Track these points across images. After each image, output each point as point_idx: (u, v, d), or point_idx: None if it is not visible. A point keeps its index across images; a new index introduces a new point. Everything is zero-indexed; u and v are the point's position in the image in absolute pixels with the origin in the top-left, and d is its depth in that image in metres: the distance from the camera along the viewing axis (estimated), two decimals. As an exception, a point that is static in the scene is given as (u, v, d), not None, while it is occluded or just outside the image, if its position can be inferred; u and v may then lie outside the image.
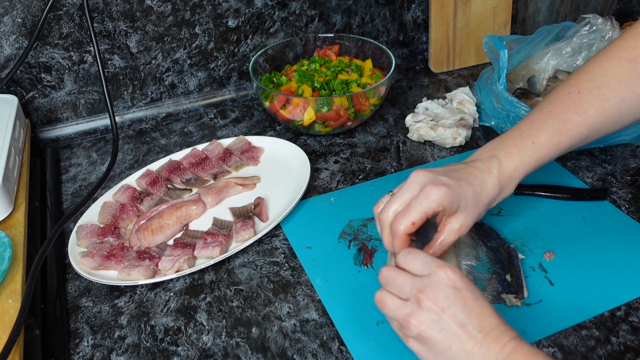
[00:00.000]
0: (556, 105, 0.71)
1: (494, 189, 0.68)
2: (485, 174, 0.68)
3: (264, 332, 0.69)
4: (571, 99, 0.70)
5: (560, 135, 0.69)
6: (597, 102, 0.69)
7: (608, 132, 0.72)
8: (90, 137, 1.08)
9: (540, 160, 0.70)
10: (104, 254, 0.77)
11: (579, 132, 0.70)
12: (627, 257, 0.75)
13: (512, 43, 1.03)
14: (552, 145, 0.69)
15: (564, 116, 0.70)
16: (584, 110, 0.69)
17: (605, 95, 0.69)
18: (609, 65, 0.70)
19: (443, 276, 0.57)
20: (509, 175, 0.69)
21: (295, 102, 0.97)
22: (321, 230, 0.83)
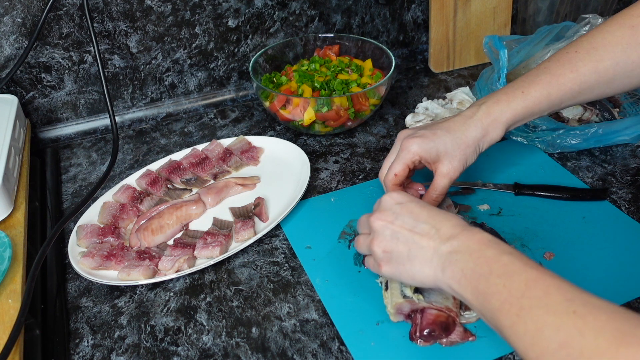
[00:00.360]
0: (552, 62, 0.74)
1: (476, 130, 0.73)
2: (467, 119, 0.74)
3: (264, 332, 0.69)
4: (567, 57, 0.73)
5: (551, 87, 0.72)
6: (592, 61, 0.71)
7: (601, 93, 0.74)
8: (90, 137, 1.08)
9: (528, 109, 0.73)
10: (104, 254, 0.77)
11: (570, 87, 0.72)
12: (627, 257, 0.75)
13: (512, 43, 1.03)
14: (542, 96, 0.72)
15: (557, 71, 0.73)
16: (578, 67, 0.72)
17: (600, 56, 0.71)
18: (609, 29, 0.72)
19: (387, 199, 0.66)
20: (494, 119, 0.73)
21: (295, 102, 0.97)
22: (321, 230, 0.83)
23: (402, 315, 0.67)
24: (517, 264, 0.52)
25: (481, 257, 0.54)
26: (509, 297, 0.49)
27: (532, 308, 0.47)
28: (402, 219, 0.62)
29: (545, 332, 0.45)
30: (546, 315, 0.46)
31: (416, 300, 0.65)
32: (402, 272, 0.61)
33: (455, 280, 0.55)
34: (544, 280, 0.49)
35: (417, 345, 0.65)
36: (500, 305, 0.50)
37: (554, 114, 0.98)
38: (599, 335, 0.42)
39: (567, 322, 0.44)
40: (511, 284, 0.50)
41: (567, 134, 0.91)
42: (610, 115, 0.98)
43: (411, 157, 0.73)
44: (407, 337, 0.66)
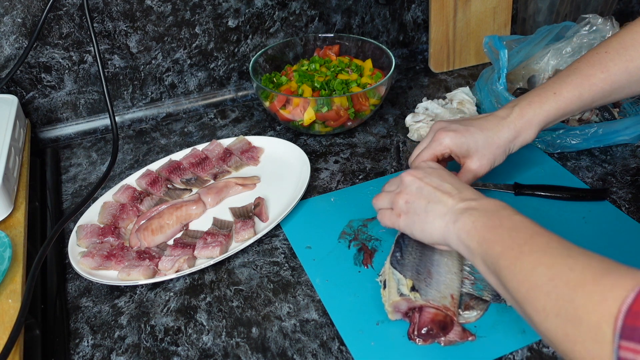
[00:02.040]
0: (582, 63, 0.75)
1: (508, 132, 0.75)
2: (501, 119, 0.75)
3: (264, 332, 0.69)
4: (597, 58, 0.74)
5: (582, 88, 0.73)
6: (623, 61, 0.72)
7: (632, 92, 0.75)
8: (90, 137, 1.08)
9: (561, 110, 0.74)
10: (104, 254, 0.77)
11: (602, 87, 0.73)
12: (627, 257, 0.75)
13: (512, 43, 1.03)
14: (574, 97, 0.73)
15: (587, 72, 0.74)
16: (608, 67, 0.72)
17: (631, 56, 0.72)
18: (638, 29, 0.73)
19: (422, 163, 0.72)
20: (527, 121, 0.74)
21: (295, 102, 0.97)
22: (321, 230, 0.83)
23: (400, 314, 0.67)
24: (526, 222, 0.55)
25: (495, 214, 0.58)
26: (512, 243, 0.53)
27: (532, 252, 0.51)
28: (431, 178, 0.67)
29: (538, 269, 0.49)
30: (543, 257, 0.49)
31: (413, 298, 0.65)
32: (416, 223, 0.65)
33: (465, 231, 0.59)
34: (548, 235, 0.52)
35: (416, 345, 0.65)
36: (502, 250, 0.53)
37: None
38: (585, 270, 0.46)
39: (560, 261, 0.48)
40: (517, 234, 0.54)
41: (567, 134, 0.91)
42: (610, 115, 0.98)
43: (442, 149, 0.76)
44: (406, 336, 0.66)
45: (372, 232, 0.81)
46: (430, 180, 0.67)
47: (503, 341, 0.65)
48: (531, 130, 0.75)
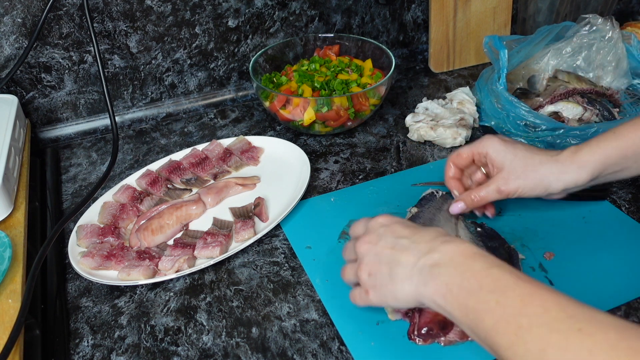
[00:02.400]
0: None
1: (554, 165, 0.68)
2: (552, 153, 0.70)
3: (264, 332, 0.69)
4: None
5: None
6: None
7: None
8: (90, 137, 1.08)
9: (621, 149, 0.67)
10: (104, 254, 0.77)
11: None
12: (627, 257, 0.75)
13: (512, 43, 1.03)
14: (637, 137, 0.66)
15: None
16: None
17: None
18: None
19: (373, 223, 0.62)
20: (580, 159, 0.68)
21: (295, 102, 0.97)
22: (321, 230, 0.83)
23: (400, 314, 0.67)
24: (508, 277, 0.49)
25: (467, 270, 0.51)
26: (504, 314, 0.46)
27: (532, 326, 0.44)
28: (385, 239, 0.59)
29: (549, 352, 0.42)
30: (549, 334, 0.43)
31: None
32: (387, 295, 0.58)
33: (440, 295, 0.52)
34: (540, 294, 0.46)
35: (416, 345, 0.65)
36: (495, 323, 0.47)
37: (553, 114, 0.98)
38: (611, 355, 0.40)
39: (573, 341, 0.42)
40: (505, 300, 0.47)
41: (567, 134, 0.91)
42: (610, 115, 0.98)
43: (480, 147, 0.73)
44: (406, 336, 0.66)
45: (372, 232, 0.81)
46: (385, 242, 0.59)
47: (503, 341, 0.65)
48: (583, 170, 0.67)
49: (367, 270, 0.60)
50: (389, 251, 0.58)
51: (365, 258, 0.60)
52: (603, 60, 1.02)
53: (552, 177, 0.68)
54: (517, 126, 0.94)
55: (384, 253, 0.58)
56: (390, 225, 0.61)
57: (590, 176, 0.68)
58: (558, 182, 0.68)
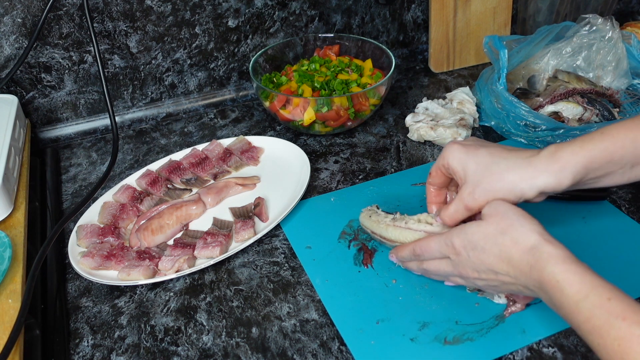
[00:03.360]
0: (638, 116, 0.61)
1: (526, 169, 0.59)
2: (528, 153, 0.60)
3: (264, 332, 0.69)
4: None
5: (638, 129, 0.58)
6: None
7: None
8: (90, 137, 1.08)
9: (608, 151, 0.58)
10: (104, 254, 0.77)
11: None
12: (627, 257, 0.75)
13: (512, 43, 1.03)
14: (626, 138, 0.58)
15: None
16: None
17: None
18: None
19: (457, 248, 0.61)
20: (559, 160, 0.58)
21: (295, 102, 0.97)
22: (321, 230, 0.83)
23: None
24: (598, 315, 0.48)
25: (562, 307, 0.52)
26: (609, 357, 0.47)
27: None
28: (484, 272, 0.60)
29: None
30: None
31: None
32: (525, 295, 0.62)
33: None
34: (637, 338, 0.46)
35: (417, 344, 0.65)
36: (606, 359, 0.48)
37: (553, 114, 0.98)
38: None
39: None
40: (605, 344, 0.47)
41: (567, 134, 0.91)
42: (610, 115, 0.98)
43: (441, 159, 0.67)
44: (407, 335, 0.66)
45: (372, 232, 0.81)
46: (486, 277, 0.60)
47: (503, 341, 0.65)
48: (562, 173, 0.58)
49: (492, 290, 0.64)
50: (495, 279, 0.60)
51: (484, 284, 0.62)
52: (603, 60, 1.02)
53: (523, 183, 0.59)
54: (517, 126, 0.95)
55: (493, 280, 0.60)
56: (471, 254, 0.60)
57: (571, 180, 0.58)
58: (531, 190, 0.59)
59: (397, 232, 0.72)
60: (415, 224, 0.71)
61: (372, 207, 0.79)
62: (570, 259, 0.53)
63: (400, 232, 0.72)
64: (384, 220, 0.74)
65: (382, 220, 0.74)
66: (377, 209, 0.78)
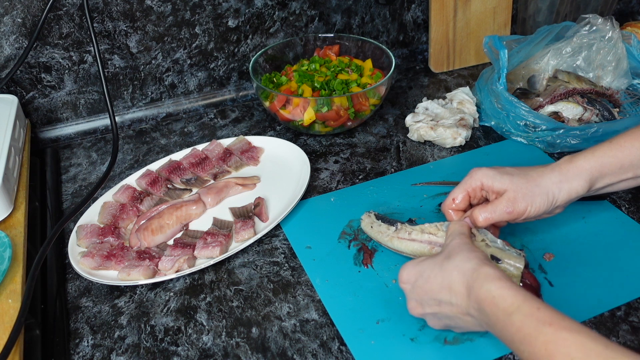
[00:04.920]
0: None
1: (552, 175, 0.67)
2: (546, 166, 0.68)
3: (264, 332, 0.69)
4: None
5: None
6: None
7: None
8: (90, 137, 1.08)
9: (618, 158, 0.66)
10: (104, 254, 0.77)
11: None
12: (627, 257, 0.75)
13: (512, 43, 1.03)
14: (633, 147, 0.65)
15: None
16: None
17: None
18: None
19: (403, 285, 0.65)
20: (576, 166, 0.66)
21: (295, 102, 0.97)
22: (321, 230, 0.83)
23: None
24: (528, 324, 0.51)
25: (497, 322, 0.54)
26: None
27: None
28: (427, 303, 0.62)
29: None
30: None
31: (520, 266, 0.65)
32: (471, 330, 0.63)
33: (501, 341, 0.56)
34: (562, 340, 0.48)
35: (417, 343, 0.65)
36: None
37: (553, 114, 0.98)
38: None
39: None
40: (534, 351, 0.49)
41: (567, 134, 0.91)
42: (610, 115, 0.98)
43: (472, 182, 0.70)
44: (407, 335, 0.66)
45: (372, 232, 0.81)
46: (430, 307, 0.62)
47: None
48: (580, 177, 0.66)
49: (440, 326, 0.64)
50: (439, 310, 0.61)
51: (428, 320, 0.65)
52: (603, 60, 1.02)
53: (554, 187, 0.67)
54: (517, 126, 0.95)
55: (437, 313, 0.62)
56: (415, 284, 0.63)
57: (588, 184, 0.66)
58: (561, 192, 0.67)
59: (402, 244, 0.73)
60: (419, 235, 0.72)
61: (370, 215, 0.79)
62: (505, 278, 0.56)
63: (405, 243, 0.73)
64: (387, 232, 0.75)
65: (385, 232, 0.75)
66: (376, 218, 0.78)
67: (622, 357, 0.45)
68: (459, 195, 0.71)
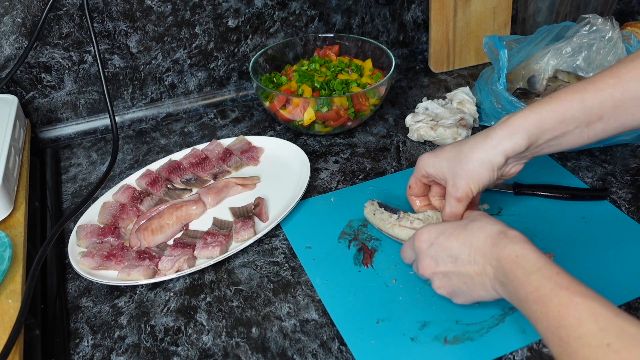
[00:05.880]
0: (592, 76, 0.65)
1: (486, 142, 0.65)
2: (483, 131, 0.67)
3: (264, 332, 0.69)
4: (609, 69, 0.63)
5: (586, 91, 0.62)
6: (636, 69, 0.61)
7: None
8: (90, 137, 1.08)
9: (558, 112, 0.62)
10: (104, 254, 0.77)
11: (610, 93, 0.61)
12: (627, 257, 0.75)
13: (512, 43, 1.03)
14: (574, 99, 0.62)
15: (594, 78, 0.63)
16: (620, 74, 0.61)
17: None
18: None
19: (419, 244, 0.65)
20: (511, 125, 0.64)
21: (295, 102, 0.97)
22: (321, 230, 0.83)
23: None
24: (546, 285, 0.52)
25: (514, 280, 0.55)
26: (549, 325, 0.50)
27: (570, 339, 0.48)
28: (443, 260, 0.63)
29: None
30: (582, 349, 0.47)
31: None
32: (472, 300, 0.63)
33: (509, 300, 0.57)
34: (575, 304, 0.49)
35: (417, 343, 0.65)
36: (545, 331, 0.51)
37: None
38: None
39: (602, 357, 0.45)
40: (547, 311, 0.50)
41: (567, 134, 0.91)
42: (610, 115, 0.98)
43: (419, 171, 0.74)
44: (407, 334, 0.66)
45: (372, 232, 0.81)
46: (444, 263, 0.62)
47: (503, 341, 0.65)
48: (517, 135, 0.63)
49: (445, 290, 0.64)
50: (454, 270, 0.62)
51: (436, 281, 0.64)
52: (603, 60, 1.02)
53: (487, 155, 0.65)
54: (517, 126, 0.94)
55: (450, 273, 0.62)
56: (435, 241, 0.64)
57: (526, 141, 0.63)
58: (497, 156, 0.64)
59: (403, 232, 0.76)
60: (421, 223, 0.74)
61: (374, 203, 0.81)
62: (530, 242, 0.57)
63: (406, 231, 0.76)
64: (389, 220, 0.77)
65: (387, 219, 0.78)
66: (379, 206, 0.80)
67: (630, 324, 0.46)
68: (413, 184, 0.76)
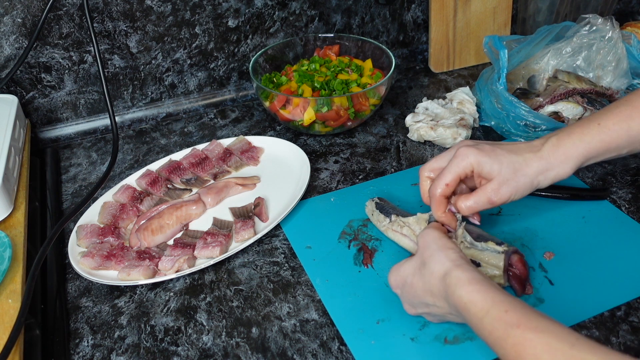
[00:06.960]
0: (633, 95, 0.66)
1: (539, 163, 0.66)
2: (533, 148, 0.67)
3: (264, 332, 0.69)
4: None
5: (632, 120, 0.65)
6: None
7: None
8: (90, 137, 1.08)
9: (605, 142, 0.65)
10: (104, 254, 0.77)
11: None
12: (627, 257, 0.75)
13: (512, 43, 1.03)
14: (621, 129, 0.65)
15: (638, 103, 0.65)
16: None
17: None
18: None
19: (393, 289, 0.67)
20: (563, 153, 0.66)
21: (295, 102, 0.97)
22: (321, 230, 0.83)
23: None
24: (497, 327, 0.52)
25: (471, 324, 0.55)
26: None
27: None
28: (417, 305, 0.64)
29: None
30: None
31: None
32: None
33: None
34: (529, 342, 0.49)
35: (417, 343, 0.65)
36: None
37: (553, 114, 0.98)
38: None
39: None
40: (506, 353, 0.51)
41: (567, 134, 0.91)
42: (610, 115, 0.98)
43: (465, 165, 0.67)
44: (407, 334, 0.66)
45: (372, 232, 0.81)
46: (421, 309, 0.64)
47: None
48: (567, 164, 0.66)
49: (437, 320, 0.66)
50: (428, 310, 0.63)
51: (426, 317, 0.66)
52: (603, 60, 1.02)
53: (540, 176, 0.66)
54: (517, 126, 0.94)
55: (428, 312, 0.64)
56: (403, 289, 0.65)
57: (573, 170, 0.67)
58: (546, 180, 0.67)
59: (395, 236, 0.77)
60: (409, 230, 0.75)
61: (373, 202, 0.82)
62: (475, 279, 0.56)
63: (397, 237, 0.77)
64: (383, 223, 0.78)
65: (382, 221, 0.79)
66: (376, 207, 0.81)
67: (588, 354, 0.46)
68: (451, 179, 0.68)
